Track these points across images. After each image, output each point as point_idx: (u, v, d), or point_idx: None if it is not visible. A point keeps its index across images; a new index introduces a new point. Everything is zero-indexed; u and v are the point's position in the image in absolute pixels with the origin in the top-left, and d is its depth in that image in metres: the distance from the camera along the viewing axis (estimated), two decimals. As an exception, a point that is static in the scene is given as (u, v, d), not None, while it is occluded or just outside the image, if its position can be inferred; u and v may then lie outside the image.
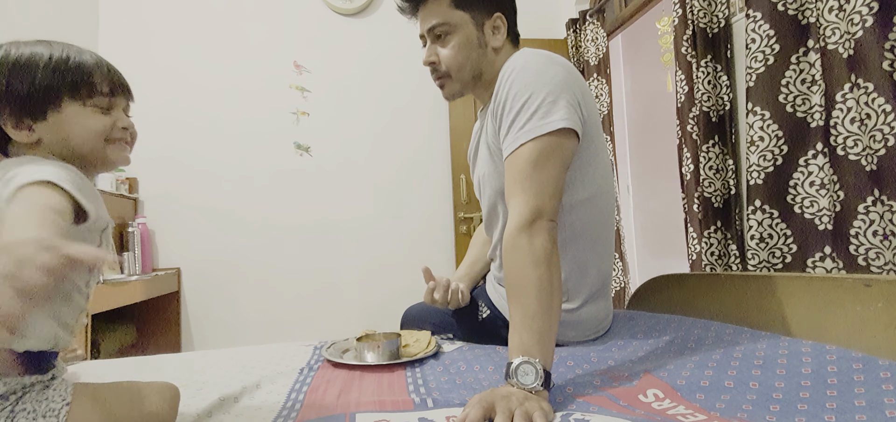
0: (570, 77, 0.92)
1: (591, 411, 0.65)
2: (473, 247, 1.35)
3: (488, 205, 1.11)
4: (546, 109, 0.86)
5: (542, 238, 0.80)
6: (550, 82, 0.88)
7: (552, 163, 0.85)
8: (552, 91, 0.88)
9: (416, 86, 2.87)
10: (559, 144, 0.86)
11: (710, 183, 1.55)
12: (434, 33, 1.03)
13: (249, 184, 2.76)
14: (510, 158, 0.88)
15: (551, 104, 0.87)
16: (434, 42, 1.04)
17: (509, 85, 0.91)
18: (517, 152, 0.87)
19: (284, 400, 0.80)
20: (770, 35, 1.27)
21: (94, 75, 0.66)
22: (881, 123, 1.04)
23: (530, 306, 0.75)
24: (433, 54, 1.04)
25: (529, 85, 0.89)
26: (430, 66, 1.06)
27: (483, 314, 1.15)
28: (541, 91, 0.88)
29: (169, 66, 2.72)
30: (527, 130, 0.86)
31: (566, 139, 0.87)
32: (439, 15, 1.02)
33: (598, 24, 2.51)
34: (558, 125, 0.85)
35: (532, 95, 0.88)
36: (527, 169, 0.84)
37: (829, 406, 0.63)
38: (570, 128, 0.86)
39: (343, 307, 2.78)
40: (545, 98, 0.87)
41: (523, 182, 0.84)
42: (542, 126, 0.85)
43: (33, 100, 0.62)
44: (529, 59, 0.93)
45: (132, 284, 2.13)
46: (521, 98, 0.88)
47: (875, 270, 1.08)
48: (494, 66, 1.04)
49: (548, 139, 0.85)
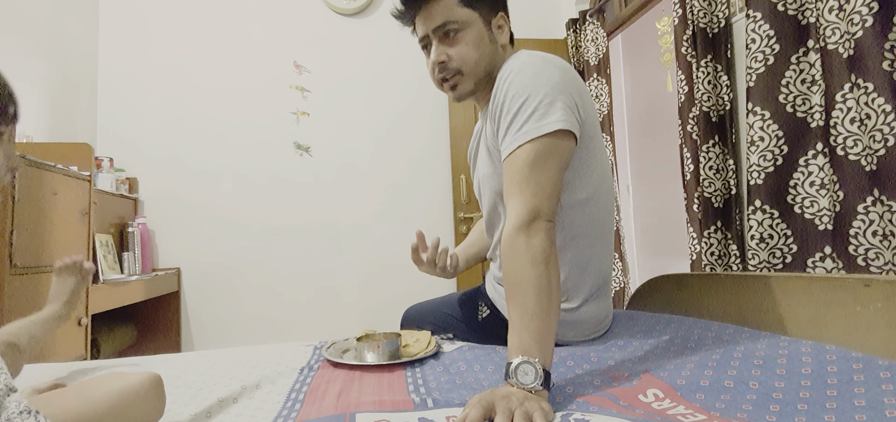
0: (567, 78, 0.92)
1: (591, 411, 0.65)
2: (472, 234, 1.37)
3: (488, 206, 1.11)
4: (543, 110, 0.87)
5: (539, 238, 0.80)
6: (547, 84, 0.89)
7: (549, 164, 0.85)
8: (549, 93, 0.88)
9: (416, 86, 2.88)
10: (556, 145, 0.86)
11: (710, 183, 1.55)
12: (443, 31, 1.00)
13: (249, 184, 2.76)
14: (508, 159, 0.88)
15: (548, 106, 0.87)
16: (441, 42, 1.01)
17: (507, 87, 0.91)
18: (515, 154, 0.87)
19: (284, 400, 0.80)
20: (770, 35, 1.27)
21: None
22: (881, 123, 1.04)
23: (529, 306, 0.75)
24: (443, 53, 1.01)
25: (527, 87, 0.89)
26: (439, 67, 1.02)
27: (483, 314, 1.15)
28: (538, 93, 0.88)
29: (169, 66, 2.72)
30: (524, 132, 0.86)
31: (563, 141, 0.87)
32: (447, 13, 0.99)
33: (597, 24, 2.51)
34: (555, 127, 0.85)
35: (529, 97, 0.88)
36: (524, 170, 0.85)
37: (829, 406, 0.63)
38: (567, 129, 0.87)
39: (343, 307, 2.78)
40: (542, 100, 0.87)
41: (521, 183, 0.84)
42: (539, 128, 0.86)
43: None
44: (526, 61, 0.93)
45: (132, 284, 2.13)
46: (519, 100, 0.88)
47: (875, 270, 1.08)
48: (498, 67, 1.03)
49: (545, 141, 0.85)
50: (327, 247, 2.80)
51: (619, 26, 2.59)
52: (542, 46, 2.44)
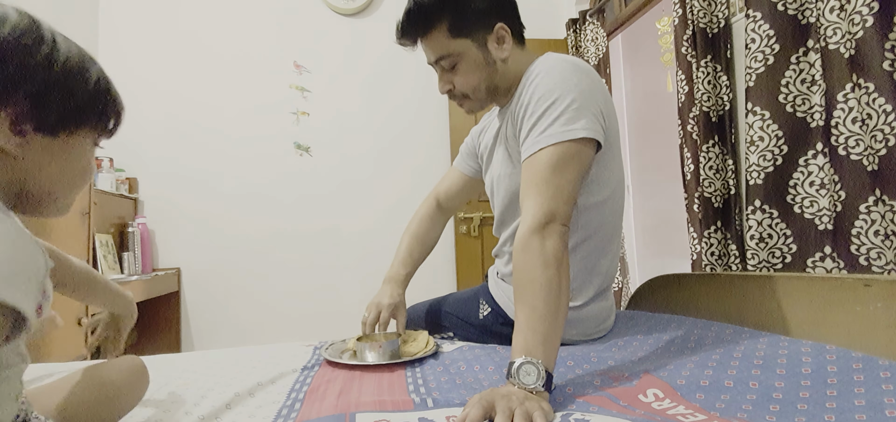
0: (595, 86, 0.93)
1: (591, 411, 0.65)
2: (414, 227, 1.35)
3: (502, 204, 1.11)
4: (570, 115, 0.87)
5: (553, 240, 0.80)
6: (576, 89, 0.89)
7: (570, 169, 0.85)
8: (577, 98, 0.88)
9: (416, 85, 2.88)
10: (579, 151, 0.87)
11: (710, 183, 1.55)
12: (441, 65, 1.04)
13: (249, 184, 2.76)
14: (529, 159, 0.88)
15: (576, 112, 0.87)
16: (444, 71, 1.04)
17: (534, 89, 0.91)
18: (537, 155, 0.87)
19: (284, 400, 0.80)
20: (770, 35, 1.27)
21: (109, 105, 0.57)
22: (882, 123, 1.04)
23: (537, 307, 0.75)
24: (448, 82, 1.04)
25: (554, 90, 0.89)
26: (447, 93, 1.06)
27: (483, 312, 1.15)
28: (566, 97, 0.88)
29: (169, 66, 2.72)
30: (549, 135, 0.87)
31: (586, 148, 0.88)
32: (440, 48, 1.01)
33: (598, 24, 2.51)
34: (581, 134, 0.86)
35: (557, 101, 0.88)
36: (545, 172, 0.85)
37: (828, 406, 0.63)
38: (592, 138, 0.87)
39: (343, 306, 2.78)
40: (570, 105, 0.87)
41: (540, 185, 0.84)
42: (565, 133, 0.86)
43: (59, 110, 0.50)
44: (554, 64, 0.93)
45: (132, 285, 2.13)
46: (545, 102, 0.89)
47: (876, 269, 1.08)
48: (508, 75, 1.04)
49: (569, 146, 0.86)
50: (327, 246, 2.80)
51: (619, 26, 2.59)
52: (542, 46, 2.44)
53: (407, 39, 1.04)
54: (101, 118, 0.56)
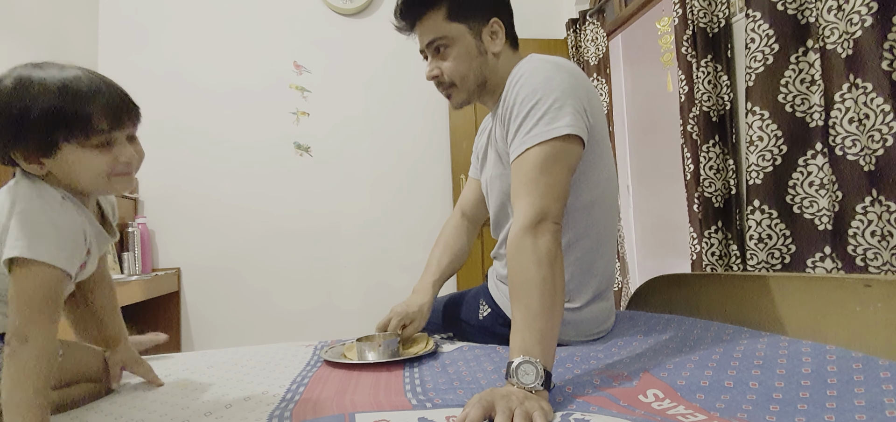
0: (577, 83, 0.93)
1: (591, 411, 0.65)
2: (441, 238, 1.31)
3: (496, 206, 1.12)
4: (553, 114, 0.88)
5: (546, 239, 0.80)
6: (558, 88, 0.90)
7: (558, 167, 0.86)
8: (559, 97, 0.89)
9: (416, 85, 2.87)
10: (565, 149, 0.87)
11: (710, 183, 1.55)
12: (433, 48, 1.04)
13: (250, 184, 2.76)
14: (517, 161, 0.89)
15: (558, 110, 0.88)
16: (435, 56, 1.06)
17: (517, 90, 0.92)
18: (524, 156, 0.88)
19: (280, 400, 0.80)
20: (770, 35, 1.27)
21: (93, 114, 0.66)
22: (879, 123, 1.04)
23: (533, 306, 0.75)
24: (436, 68, 1.05)
25: (537, 90, 0.90)
26: (434, 80, 1.07)
27: (483, 313, 1.15)
28: (548, 97, 0.89)
29: (168, 66, 2.72)
30: (533, 135, 0.87)
31: (572, 145, 0.88)
32: (436, 30, 1.03)
33: (598, 24, 2.51)
34: (564, 131, 0.86)
35: (539, 101, 0.89)
36: (533, 172, 0.85)
37: (829, 406, 0.63)
38: (575, 134, 0.88)
39: (343, 307, 2.78)
40: (552, 104, 0.88)
41: (529, 185, 0.85)
42: (548, 131, 0.87)
43: (38, 142, 0.65)
44: (537, 65, 0.94)
45: (132, 284, 2.13)
46: (529, 103, 0.90)
47: (873, 270, 1.08)
48: (497, 71, 1.05)
49: (554, 144, 0.86)
50: (327, 247, 2.80)
51: (619, 26, 2.59)
52: (542, 46, 2.44)
53: (405, 21, 1.05)
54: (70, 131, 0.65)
